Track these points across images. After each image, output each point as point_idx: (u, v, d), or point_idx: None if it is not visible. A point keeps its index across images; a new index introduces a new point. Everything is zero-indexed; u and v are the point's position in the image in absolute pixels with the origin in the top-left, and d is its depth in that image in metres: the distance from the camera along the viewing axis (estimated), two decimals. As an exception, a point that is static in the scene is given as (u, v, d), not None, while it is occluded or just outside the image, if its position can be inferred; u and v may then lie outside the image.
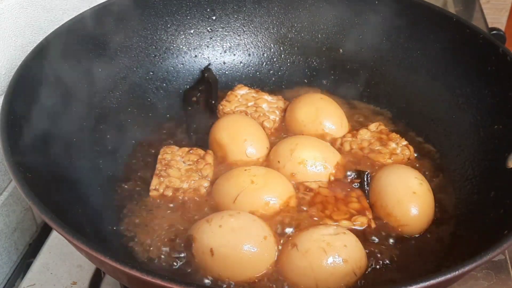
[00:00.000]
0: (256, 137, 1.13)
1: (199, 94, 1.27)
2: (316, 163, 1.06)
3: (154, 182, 1.04)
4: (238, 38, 1.35)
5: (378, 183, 1.04)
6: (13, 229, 1.17)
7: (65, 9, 1.25)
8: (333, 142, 1.16)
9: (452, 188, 1.06)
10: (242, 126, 1.15)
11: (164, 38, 1.28)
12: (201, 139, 1.16)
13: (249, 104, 1.23)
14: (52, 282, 1.06)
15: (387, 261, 0.94)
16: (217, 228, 0.90)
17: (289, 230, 0.97)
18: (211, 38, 1.33)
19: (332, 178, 1.07)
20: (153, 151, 1.13)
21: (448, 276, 0.70)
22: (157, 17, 1.26)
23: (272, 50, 1.36)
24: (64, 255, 1.10)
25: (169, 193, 1.03)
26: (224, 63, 1.35)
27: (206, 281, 0.89)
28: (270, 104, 1.24)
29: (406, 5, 1.23)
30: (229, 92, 1.26)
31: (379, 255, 0.95)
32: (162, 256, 0.93)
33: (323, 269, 0.87)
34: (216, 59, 1.34)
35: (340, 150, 1.14)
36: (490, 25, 1.82)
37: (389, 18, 1.25)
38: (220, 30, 1.34)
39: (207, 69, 1.31)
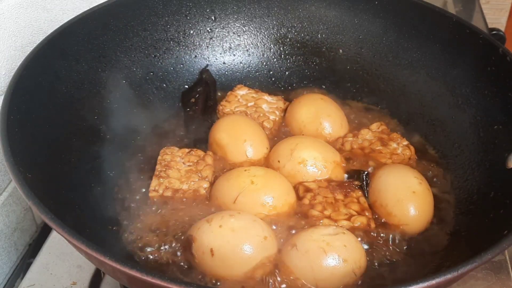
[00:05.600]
0: (256, 137, 1.13)
1: (197, 95, 1.27)
2: (316, 163, 1.06)
3: (154, 183, 1.04)
4: (238, 38, 1.35)
5: (377, 182, 1.04)
6: (13, 229, 1.17)
7: (65, 9, 1.25)
8: (334, 142, 1.16)
9: (452, 188, 1.07)
10: (242, 127, 1.15)
11: (164, 38, 1.28)
12: (200, 140, 1.16)
13: (249, 104, 1.23)
14: (52, 282, 1.06)
15: (387, 261, 0.94)
16: (217, 228, 0.90)
17: (289, 230, 0.97)
18: (211, 38, 1.33)
19: (332, 178, 1.07)
20: (153, 151, 1.13)
21: (448, 276, 0.70)
22: (157, 18, 1.26)
23: (272, 50, 1.36)
24: (64, 255, 1.10)
25: (169, 194, 1.03)
26: (224, 63, 1.35)
27: (206, 281, 0.89)
28: (270, 105, 1.24)
29: (406, 5, 1.23)
30: (229, 93, 1.26)
31: (378, 255, 0.95)
32: (162, 256, 0.93)
33: (323, 269, 0.87)
34: (216, 59, 1.34)
35: (341, 150, 1.14)
36: (490, 26, 1.82)
37: (389, 18, 1.26)
38: (220, 30, 1.34)
39: (204, 70, 1.31)
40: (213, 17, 1.33)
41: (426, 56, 1.21)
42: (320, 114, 1.18)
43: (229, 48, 1.35)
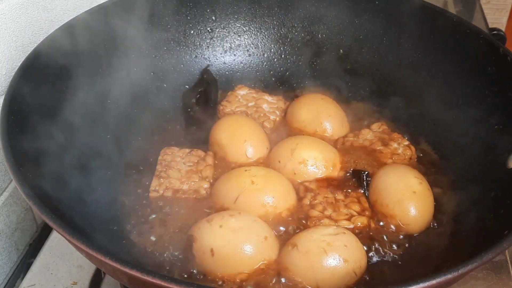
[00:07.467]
0: (256, 137, 1.13)
1: (198, 95, 1.27)
2: (316, 163, 1.07)
3: (154, 183, 1.04)
4: (238, 38, 1.35)
5: (378, 182, 1.04)
6: (13, 229, 1.17)
7: (66, 9, 1.25)
8: (334, 141, 1.16)
9: (452, 188, 1.06)
10: (242, 127, 1.15)
11: (164, 38, 1.28)
12: (201, 140, 1.16)
13: (250, 104, 1.23)
14: (52, 282, 1.06)
15: (387, 261, 0.94)
16: (217, 228, 0.90)
17: (289, 231, 0.97)
18: (211, 38, 1.33)
19: (332, 178, 1.07)
20: (153, 152, 1.13)
21: (448, 276, 0.70)
22: (157, 18, 1.26)
23: (272, 50, 1.36)
24: (64, 255, 1.10)
25: (169, 194, 1.03)
26: (225, 63, 1.35)
27: (206, 281, 0.89)
28: (270, 105, 1.24)
29: (406, 5, 1.23)
30: (229, 93, 1.26)
31: (379, 255, 0.95)
32: (162, 256, 0.93)
33: (323, 269, 0.87)
34: (217, 59, 1.35)
35: (341, 150, 1.14)
36: (490, 26, 1.82)
37: (390, 18, 1.26)
38: (220, 30, 1.34)
39: (205, 70, 1.31)
40: (213, 17, 1.33)
41: (427, 56, 1.21)
42: (321, 114, 1.18)
43: (229, 48, 1.35)
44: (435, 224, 1.01)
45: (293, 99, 1.26)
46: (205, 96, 1.28)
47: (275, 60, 1.36)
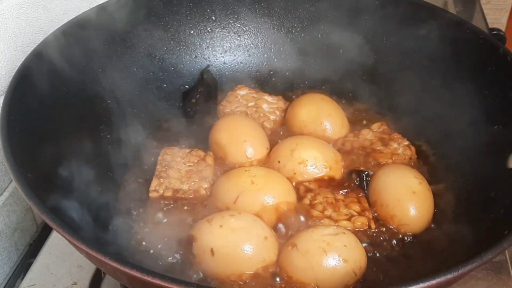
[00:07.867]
0: (256, 137, 1.13)
1: (198, 95, 1.27)
2: (316, 163, 1.07)
3: (154, 183, 1.04)
4: (238, 38, 1.35)
5: (378, 182, 1.04)
6: (13, 229, 1.17)
7: (66, 9, 1.25)
8: (334, 142, 1.16)
9: (452, 188, 1.06)
10: (242, 127, 1.15)
11: (164, 38, 1.28)
12: (201, 140, 1.16)
13: (250, 104, 1.23)
14: (52, 282, 1.06)
15: (387, 261, 0.94)
16: (217, 228, 0.90)
17: (289, 231, 0.97)
18: (211, 38, 1.34)
19: (332, 178, 1.07)
20: (153, 152, 1.13)
21: (448, 276, 0.70)
22: (157, 18, 1.26)
23: (272, 50, 1.36)
24: (64, 255, 1.10)
25: (169, 194, 1.03)
26: (225, 63, 1.35)
27: (207, 281, 0.89)
28: (270, 105, 1.24)
29: (406, 5, 1.23)
30: (229, 93, 1.26)
31: (379, 255, 0.95)
32: (162, 256, 0.93)
33: (323, 269, 0.87)
34: (217, 59, 1.35)
35: (341, 149, 1.14)
36: (490, 26, 1.82)
37: (389, 18, 1.25)
38: (220, 30, 1.34)
39: (205, 70, 1.31)
40: (213, 17, 1.33)
41: (427, 56, 1.21)
42: (321, 114, 1.18)
43: (229, 48, 1.35)
44: (435, 224, 1.01)
45: (293, 99, 1.26)
46: (205, 96, 1.27)
47: (275, 60, 1.36)
